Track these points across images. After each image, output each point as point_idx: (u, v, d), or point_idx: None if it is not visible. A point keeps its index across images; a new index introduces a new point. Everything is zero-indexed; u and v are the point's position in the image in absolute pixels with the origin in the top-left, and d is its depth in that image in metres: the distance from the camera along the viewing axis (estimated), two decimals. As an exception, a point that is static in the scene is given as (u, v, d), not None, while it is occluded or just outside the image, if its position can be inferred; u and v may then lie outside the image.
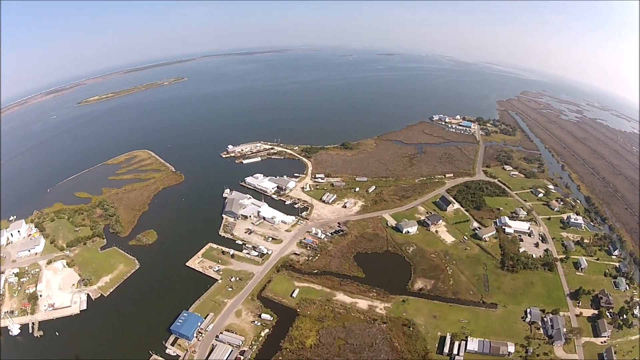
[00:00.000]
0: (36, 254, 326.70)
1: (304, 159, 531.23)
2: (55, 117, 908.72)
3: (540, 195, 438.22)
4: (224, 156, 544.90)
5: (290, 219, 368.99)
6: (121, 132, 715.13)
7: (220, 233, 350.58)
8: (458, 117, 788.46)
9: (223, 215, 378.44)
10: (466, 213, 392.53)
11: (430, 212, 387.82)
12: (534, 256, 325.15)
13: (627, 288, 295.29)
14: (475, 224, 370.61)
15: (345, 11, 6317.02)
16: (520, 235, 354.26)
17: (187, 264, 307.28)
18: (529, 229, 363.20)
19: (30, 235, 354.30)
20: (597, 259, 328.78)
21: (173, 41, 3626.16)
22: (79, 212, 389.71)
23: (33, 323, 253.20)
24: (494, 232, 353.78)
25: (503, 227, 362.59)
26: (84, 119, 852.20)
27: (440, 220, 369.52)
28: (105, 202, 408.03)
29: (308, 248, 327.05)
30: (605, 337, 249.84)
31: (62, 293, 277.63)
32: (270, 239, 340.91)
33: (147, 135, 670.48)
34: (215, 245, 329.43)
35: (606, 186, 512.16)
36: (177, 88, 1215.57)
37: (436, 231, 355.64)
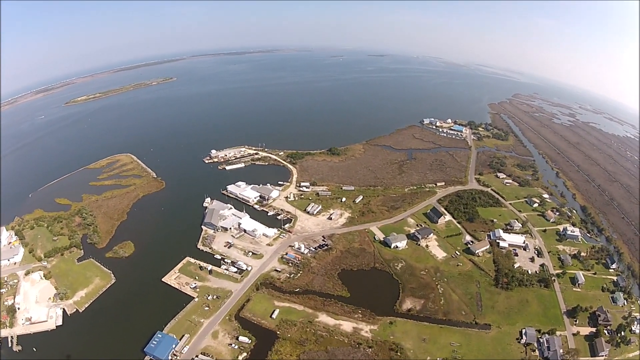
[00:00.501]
0: (15, 263, 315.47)
1: (289, 165, 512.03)
2: (43, 117, 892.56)
3: (535, 205, 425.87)
4: (206, 161, 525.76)
5: (272, 232, 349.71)
6: (105, 134, 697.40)
7: (198, 246, 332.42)
8: (449, 120, 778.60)
9: (202, 226, 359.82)
10: (458, 225, 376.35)
11: (421, 225, 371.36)
12: (530, 272, 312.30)
13: (625, 303, 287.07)
14: (468, 238, 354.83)
15: (336, 12, 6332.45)
16: (515, 250, 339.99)
17: (163, 279, 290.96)
18: (524, 242, 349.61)
19: (10, 243, 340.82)
20: (595, 273, 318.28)
21: (164, 40, 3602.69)
22: (58, 219, 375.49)
23: (12, 337, 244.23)
24: (488, 246, 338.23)
25: (497, 240, 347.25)
26: (70, 120, 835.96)
27: (431, 234, 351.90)
28: (84, 209, 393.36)
29: (290, 264, 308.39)
30: (603, 356, 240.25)
31: (39, 307, 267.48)
32: (251, 253, 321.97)
33: (130, 138, 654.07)
34: (193, 260, 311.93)
35: (602, 194, 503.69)
36: (164, 88, 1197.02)
37: (426, 246, 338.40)
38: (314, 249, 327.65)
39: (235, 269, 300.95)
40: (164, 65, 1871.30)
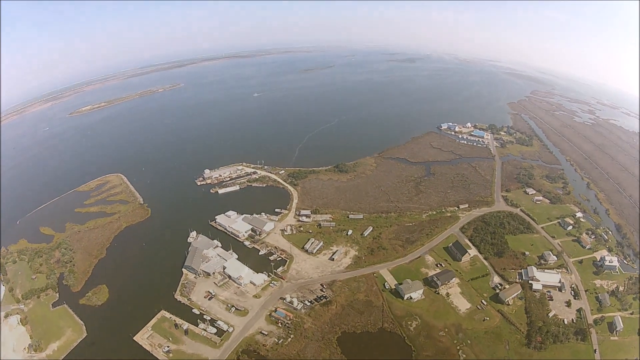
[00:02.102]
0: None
1: (289, 186, 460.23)
2: (47, 129, 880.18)
3: (570, 227, 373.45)
4: (199, 183, 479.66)
5: (261, 278, 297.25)
6: (100, 149, 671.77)
7: (176, 296, 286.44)
8: (469, 125, 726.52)
9: (183, 269, 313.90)
10: (485, 262, 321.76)
11: (441, 265, 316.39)
12: (566, 322, 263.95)
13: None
14: (496, 280, 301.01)
15: (350, 12, 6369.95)
16: (549, 292, 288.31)
17: (135, 337, 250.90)
18: (559, 281, 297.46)
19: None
20: (632, 313, 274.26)
21: (177, 42, 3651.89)
22: (39, 254, 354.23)
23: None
24: (519, 291, 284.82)
25: (530, 281, 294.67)
26: (70, 133, 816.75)
27: (453, 279, 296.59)
28: (65, 243, 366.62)
29: (279, 324, 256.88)
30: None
31: (16, 356, 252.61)
32: (234, 308, 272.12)
33: (124, 153, 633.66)
34: (168, 315, 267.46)
35: (634, 207, 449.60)
36: (170, 96, 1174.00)
37: (447, 294, 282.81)
38: (309, 303, 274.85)
39: (214, 330, 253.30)
40: (173, 70, 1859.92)
